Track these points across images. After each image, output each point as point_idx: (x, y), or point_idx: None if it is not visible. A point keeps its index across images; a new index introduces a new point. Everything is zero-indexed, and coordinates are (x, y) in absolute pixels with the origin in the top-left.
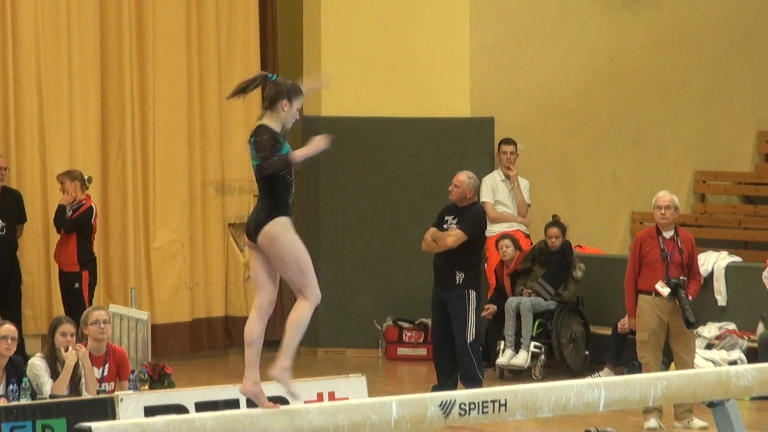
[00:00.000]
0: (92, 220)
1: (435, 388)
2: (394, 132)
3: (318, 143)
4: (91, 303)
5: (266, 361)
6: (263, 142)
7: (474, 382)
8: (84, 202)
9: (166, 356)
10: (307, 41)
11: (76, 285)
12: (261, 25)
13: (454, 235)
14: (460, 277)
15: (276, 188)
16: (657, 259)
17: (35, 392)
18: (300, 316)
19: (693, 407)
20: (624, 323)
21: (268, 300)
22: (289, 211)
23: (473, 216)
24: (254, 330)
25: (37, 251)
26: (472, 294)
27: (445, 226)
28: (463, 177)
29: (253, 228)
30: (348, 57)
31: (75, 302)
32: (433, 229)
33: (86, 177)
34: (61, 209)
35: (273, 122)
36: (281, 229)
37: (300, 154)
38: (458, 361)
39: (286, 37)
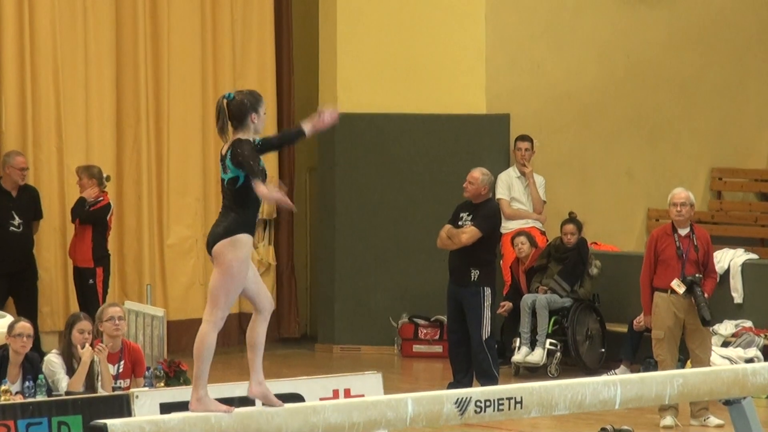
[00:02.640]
0: (108, 217)
1: (451, 386)
2: (409, 128)
3: (326, 118)
4: (105, 299)
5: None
6: (246, 152)
7: (490, 379)
8: (102, 198)
9: (180, 353)
10: (322, 36)
11: (90, 281)
12: (276, 20)
13: (468, 232)
14: (475, 274)
15: (246, 204)
16: (672, 256)
17: (51, 389)
18: (203, 342)
19: (709, 405)
20: (640, 320)
21: (266, 303)
22: (253, 231)
23: (488, 212)
24: (257, 333)
25: (54, 248)
26: (488, 291)
27: (459, 223)
28: (477, 174)
29: (215, 237)
30: (363, 53)
31: (89, 298)
32: (448, 226)
33: (105, 175)
34: (81, 200)
35: (246, 136)
36: (239, 247)
37: (310, 129)
38: (473, 358)
39: (302, 32)
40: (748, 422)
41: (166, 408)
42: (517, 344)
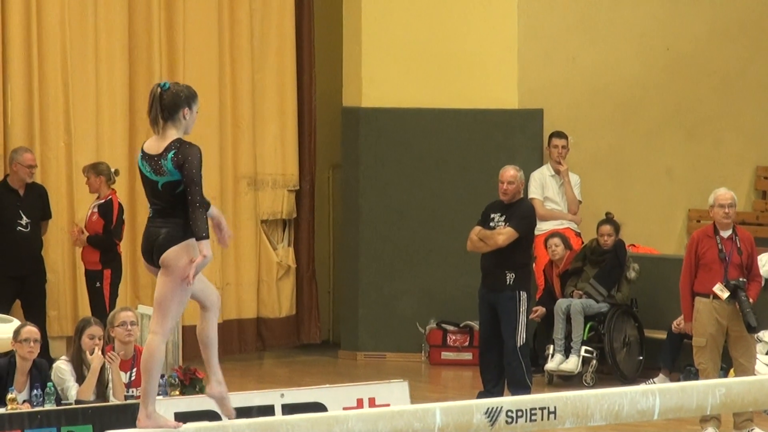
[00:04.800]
0: (113, 214)
1: (481, 395)
2: (437, 124)
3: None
4: (113, 303)
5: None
6: (198, 164)
7: (522, 388)
8: (110, 197)
9: (195, 360)
10: (346, 27)
11: (97, 284)
12: (297, 11)
13: (505, 233)
14: (510, 277)
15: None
16: (715, 260)
17: (60, 397)
18: (150, 355)
19: (753, 416)
20: (679, 322)
21: (214, 299)
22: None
23: (524, 212)
24: (209, 330)
25: (62, 249)
26: (523, 295)
27: (491, 224)
28: (514, 171)
29: (159, 246)
30: (390, 45)
31: (95, 302)
32: (478, 228)
33: (113, 170)
34: (111, 232)
35: (178, 132)
36: (192, 253)
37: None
38: (506, 366)
39: (324, 23)
40: None
41: (180, 417)
42: (551, 351)
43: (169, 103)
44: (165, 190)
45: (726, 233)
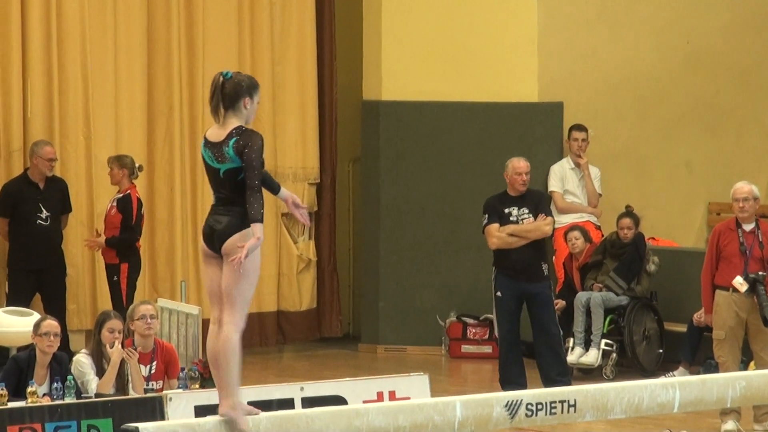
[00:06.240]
0: (132, 210)
1: (510, 388)
2: (457, 117)
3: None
4: (131, 297)
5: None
6: (258, 150)
7: (568, 375)
8: (129, 192)
9: None
10: (366, 19)
11: (115, 277)
12: (318, 4)
13: (549, 222)
14: (545, 267)
15: None
16: (735, 253)
17: (80, 391)
18: (228, 347)
19: None
20: (700, 315)
21: None
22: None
23: (545, 199)
24: (220, 352)
25: (81, 242)
26: (552, 285)
27: (512, 218)
28: (526, 162)
29: (222, 233)
30: (410, 37)
31: (113, 295)
32: (496, 226)
33: (137, 165)
34: (131, 229)
35: (240, 121)
36: (260, 229)
37: (286, 198)
38: (552, 355)
39: (345, 15)
40: None
41: (201, 411)
42: (571, 344)
43: (231, 93)
44: (226, 178)
45: (748, 226)
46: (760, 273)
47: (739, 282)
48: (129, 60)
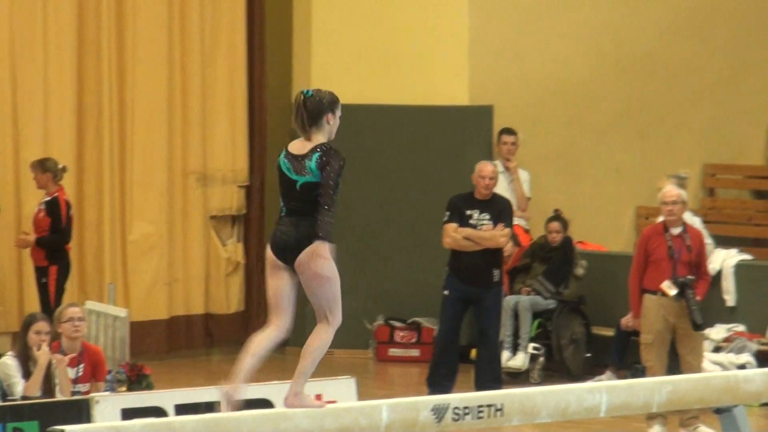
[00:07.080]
0: (61, 213)
1: (434, 387)
2: (388, 120)
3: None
4: (59, 299)
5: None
6: (338, 171)
7: (499, 382)
8: (57, 194)
9: (142, 355)
10: (296, 23)
11: (43, 279)
12: (248, 7)
13: (506, 235)
14: (496, 274)
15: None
16: (664, 257)
17: (6, 393)
18: (322, 342)
19: (700, 414)
20: (628, 319)
21: (287, 325)
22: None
23: (510, 210)
24: (263, 345)
25: (9, 244)
26: (503, 291)
27: (471, 221)
28: (492, 167)
29: (294, 246)
30: (340, 40)
31: (42, 298)
32: (453, 226)
33: (60, 166)
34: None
35: (324, 137)
36: (329, 248)
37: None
38: (487, 361)
39: (275, 20)
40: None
41: (128, 414)
42: None
43: (313, 110)
44: (303, 191)
45: (676, 230)
46: (689, 277)
47: (668, 286)
48: (58, 61)
